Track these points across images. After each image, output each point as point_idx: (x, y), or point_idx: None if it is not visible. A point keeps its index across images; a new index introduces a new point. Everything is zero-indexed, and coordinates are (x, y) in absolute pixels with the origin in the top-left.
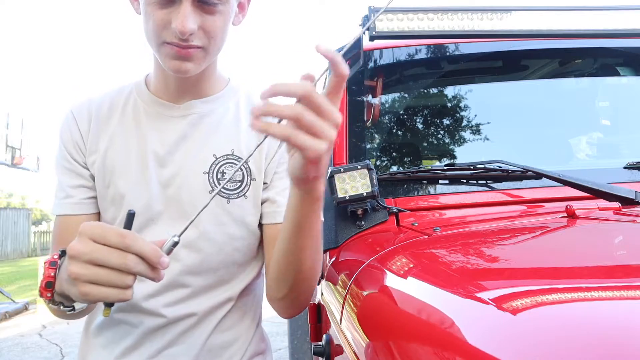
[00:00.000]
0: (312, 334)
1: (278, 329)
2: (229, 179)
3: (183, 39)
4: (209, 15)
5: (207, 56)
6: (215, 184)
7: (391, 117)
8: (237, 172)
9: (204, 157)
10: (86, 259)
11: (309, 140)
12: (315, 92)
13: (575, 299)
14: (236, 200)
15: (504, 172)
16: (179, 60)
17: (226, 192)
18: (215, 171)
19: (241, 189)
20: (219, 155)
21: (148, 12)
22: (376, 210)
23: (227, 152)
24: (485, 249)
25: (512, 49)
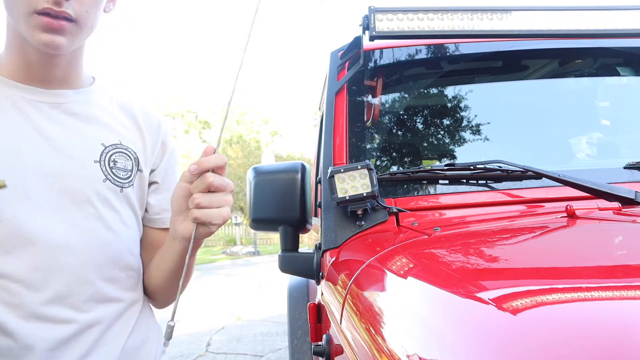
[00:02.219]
0: (312, 334)
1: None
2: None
3: (58, 2)
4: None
5: (79, 32)
6: (108, 172)
7: (391, 117)
8: (128, 161)
9: (92, 145)
10: None
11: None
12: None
13: (575, 299)
14: (127, 189)
15: (504, 172)
16: (51, 32)
17: (119, 181)
18: (106, 159)
19: (131, 178)
20: (107, 144)
21: None
22: (376, 210)
23: (115, 141)
24: (485, 249)
25: (512, 49)
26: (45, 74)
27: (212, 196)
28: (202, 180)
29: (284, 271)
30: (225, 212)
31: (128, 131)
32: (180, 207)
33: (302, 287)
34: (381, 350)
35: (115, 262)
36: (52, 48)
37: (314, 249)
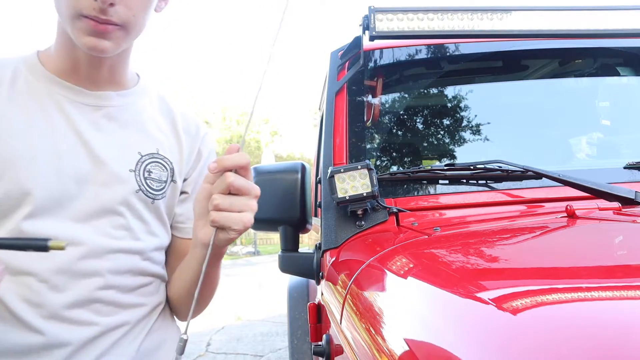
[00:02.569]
0: (312, 334)
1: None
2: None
3: (103, 8)
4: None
5: (126, 36)
6: (142, 183)
7: (391, 117)
8: (163, 172)
9: (129, 154)
10: None
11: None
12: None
13: (575, 299)
14: (160, 201)
15: (504, 172)
16: (96, 36)
17: (152, 193)
18: (142, 169)
19: (164, 190)
20: (144, 153)
21: None
22: (376, 210)
23: (152, 150)
24: (485, 249)
25: (512, 49)
26: (91, 74)
27: (232, 198)
28: (222, 180)
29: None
30: (247, 218)
31: (166, 138)
32: (202, 210)
33: (302, 287)
34: (381, 350)
35: (140, 271)
36: (97, 51)
37: (314, 249)
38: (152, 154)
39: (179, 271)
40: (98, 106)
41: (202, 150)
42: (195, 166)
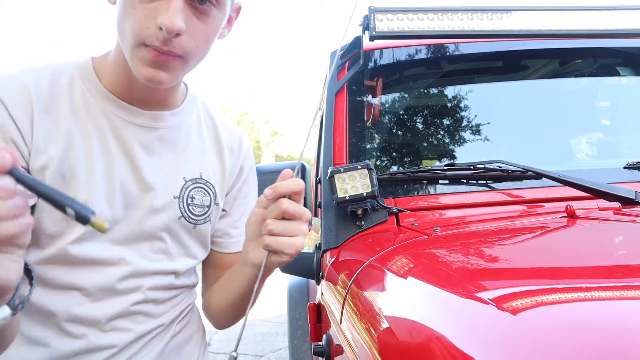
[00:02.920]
0: (312, 334)
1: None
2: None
3: (167, 38)
4: (199, 19)
5: (185, 67)
6: (185, 209)
7: (391, 117)
8: (205, 197)
9: (175, 179)
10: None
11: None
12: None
13: (575, 299)
14: (202, 226)
15: (504, 172)
16: (155, 67)
17: (194, 218)
18: (185, 196)
19: (208, 214)
20: (188, 178)
21: (130, 3)
22: (376, 210)
23: (196, 175)
24: (485, 249)
25: (512, 49)
26: (145, 96)
27: (286, 223)
28: (276, 206)
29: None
30: (299, 242)
31: (210, 159)
32: (254, 233)
33: (302, 287)
34: (381, 351)
35: (174, 286)
36: (154, 83)
37: (314, 249)
38: (195, 179)
39: (222, 285)
40: (151, 127)
41: (243, 167)
42: (236, 183)
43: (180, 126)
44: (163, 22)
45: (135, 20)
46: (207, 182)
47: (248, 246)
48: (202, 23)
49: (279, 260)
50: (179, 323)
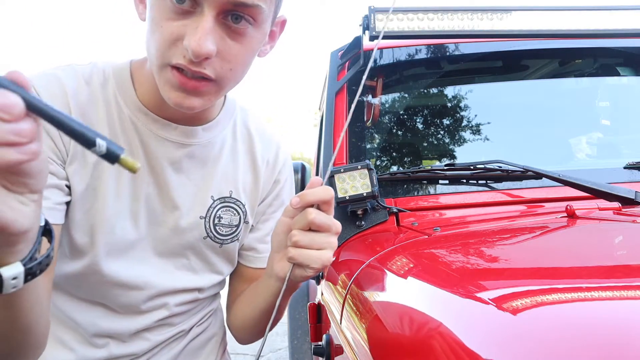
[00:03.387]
0: (312, 334)
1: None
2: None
3: (195, 61)
4: (233, 39)
5: (219, 91)
6: (211, 229)
7: (391, 117)
8: (234, 216)
9: (202, 198)
10: None
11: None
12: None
13: (575, 299)
14: (229, 245)
15: (504, 172)
16: (184, 93)
17: (220, 238)
18: (212, 216)
19: (236, 234)
20: (216, 197)
21: (156, 21)
22: (376, 210)
23: (225, 194)
24: (485, 249)
25: (512, 49)
26: (179, 112)
27: (313, 235)
28: (303, 216)
29: None
30: (326, 256)
31: (243, 175)
32: (280, 244)
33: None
34: (381, 351)
35: (198, 301)
36: (184, 109)
37: None
38: (224, 198)
39: (246, 298)
40: (182, 144)
41: (278, 180)
42: (267, 197)
43: (213, 141)
44: (189, 44)
45: (161, 39)
46: (236, 200)
47: (273, 257)
48: (237, 44)
49: (303, 275)
50: (199, 326)
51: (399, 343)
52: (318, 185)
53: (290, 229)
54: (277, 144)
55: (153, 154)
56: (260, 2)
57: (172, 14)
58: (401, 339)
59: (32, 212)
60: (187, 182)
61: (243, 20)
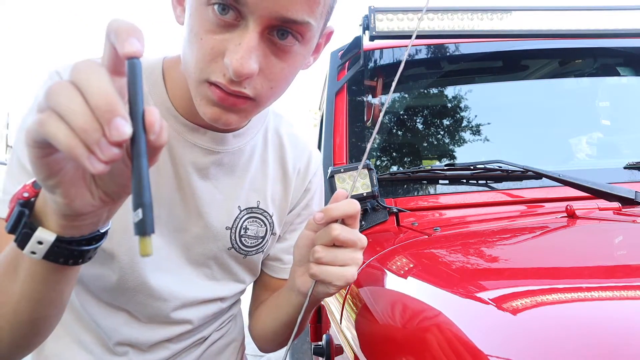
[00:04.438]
0: (312, 334)
1: None
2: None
3: (235, 81)
4: (277, 56)
5: (257, 109)
6: (236, 241)
7: (391, 117)
8: (261, 227)
9: (229, 208)
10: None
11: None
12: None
13: (575, 299)
14: (254, 256)
15: (504, 172)
16: (220, 108)
17: (245, 249)
18: (238, 227)
19: (261, 245)
20: (243, 207)
21: (195, 31)
22: (376, 210)
23: (252, 204)
24: (485, 249)
25: (512, 49)
26: None
27: (336, 251)
28: (326, 231)
29: None
30: (350, 273)
31: (272, 185)
32: (302, 258)
33: None
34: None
35: (222, 311)
36: (220, 124)
37: None
38: (251, 208)
39: (268, 309)
40: (211, 150)
41: (308, 189)
42: (296, 206)
43: (243, 149)
44: (232, 63)
45: (200, 54)
46: (264, 211)
47: (295, 271)
48: (281, 61)
49: (326, 291)
50: (218, 331)
51: (399, 343)
52: (343, 199)
53: (313, 243)
54: (310, 152)
55: (179, 159)
56: (311, 19)
57: (214, 26)
58: (401, 338)
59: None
60: (214, 191)
61: (290, 37)
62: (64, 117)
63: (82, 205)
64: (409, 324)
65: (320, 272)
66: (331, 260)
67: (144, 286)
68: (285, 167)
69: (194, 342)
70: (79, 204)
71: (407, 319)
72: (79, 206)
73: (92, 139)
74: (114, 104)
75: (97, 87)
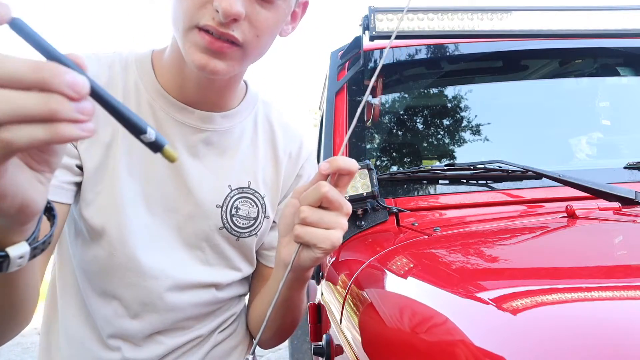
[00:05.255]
0: (312, 334)
1: None
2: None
3: (223, 22)
4: (261, 5)
5: (243, 59)
6: (228, 220)
7: (391, 117)
8: (252, 208)
9: (219, 187)
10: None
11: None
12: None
13: (575, 299)
14: (247, 239)
15: (504, 172)
16: (208, 54)
17: (237, 230)
18: (229, 205)
19: (254, 227)
20: (234, 187)
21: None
22: (376, 210)
23: (243, 184)
24: (485, 249)
25: (512, 49)
26: (198, 96)
27: (322, 213)
28: (315, 190)
29: None
30: (335, 236)
31: (263, 167)
32: (287, 227)
33: None
34: (381, 351)
35: (217, 301)
36: (207, 72)
37: None
38: (242, 188)
39: (260, 295)
40: (199, 129)
41: (300, 175)
42: (290, 190)
43: (231, 130)
44: (220, 4)
45: (190, 3)
46: (255, 192)
47: (280, 243)
48: (265, 10)
49: (312, 256)
50: (221, 333)
51: (399, 343)
52: None
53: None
54: (301, 138)
55: (168, 137)
56: None
57: None
58: (401, 339)
59: (46, 192)
60: (203, 169)
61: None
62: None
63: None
64: (409, 324)
65: (305, 233)
66: (317, 220)
67: (134, 262)
68: (276, 150)
69: (191, 340)
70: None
71: (407, 319)
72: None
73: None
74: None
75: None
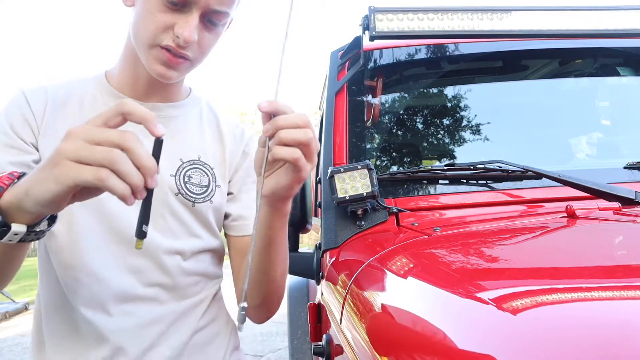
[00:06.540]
0: (312, 334)
1: (278, 329)
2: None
3: (182, 46)
4: (207, 32)
5: (190, 68)
6: (182, 186)
7: (391, 117)
8: (203, 177)
9: (171, 160)
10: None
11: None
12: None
13: (575, 299)
14: (202, 205)
15: (504, 172)
16: (166, 67)
17: (192, 196)
18: (182, 174)
19: (207, 194)
20: (185, 159)
21: (150, 10)
22: (376, 210)
23: (193, 157)
24: (485, 249)
25: (512, 49)
26: (147, 88)
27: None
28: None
29: None
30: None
31: (210, 144)
32: (260, 161)
33: (302, 287)
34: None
35: (182, 271)
36: (164, 79)
37: (314, 249)
38: (192, 160)
39: (242, 264)
40: None
41: (247, 152)
42: (241, 165)
43: (178, 117)
44: (182, 34)
45: (154, 27)
46: (205, 164)
47: (257, 181)
48: (209, 34)
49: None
50: (202, 318)
51: (399, 343)
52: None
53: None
54: (243, 127)
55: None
56: (229, 10)
57: (166, 8)
58: (401, 339)
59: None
60: None
61: (216, 20)
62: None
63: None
64: (409, 324)
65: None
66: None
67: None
68: (221, 133)
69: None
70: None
71: (407, 319)
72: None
73: (139, 188)
74: (154, 166)
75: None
